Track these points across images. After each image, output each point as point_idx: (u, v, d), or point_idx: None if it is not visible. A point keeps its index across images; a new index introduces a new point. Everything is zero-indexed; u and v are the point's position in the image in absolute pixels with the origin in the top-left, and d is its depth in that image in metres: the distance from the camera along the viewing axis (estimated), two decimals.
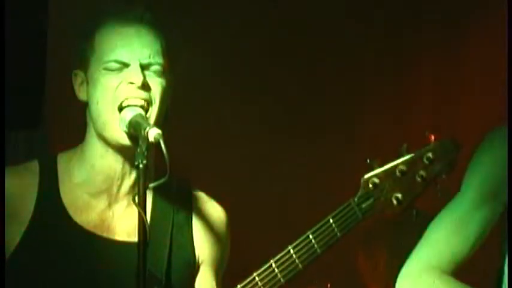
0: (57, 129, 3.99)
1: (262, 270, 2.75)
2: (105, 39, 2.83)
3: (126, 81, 2.79)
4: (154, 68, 2.82)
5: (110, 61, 2.80)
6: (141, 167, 2.57)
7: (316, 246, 2.75)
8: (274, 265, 2.74)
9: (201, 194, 2.99)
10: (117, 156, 2.83)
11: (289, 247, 2.75)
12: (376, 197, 2.80)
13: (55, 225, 2.82)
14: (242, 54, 4.71)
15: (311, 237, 2.76)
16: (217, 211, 2.99)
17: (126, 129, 2.74)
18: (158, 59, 2.82)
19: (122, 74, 2.80)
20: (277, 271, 2.75)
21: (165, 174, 2.57)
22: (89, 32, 2.86)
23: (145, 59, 2.81)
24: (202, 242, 2.93)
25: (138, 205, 2.55)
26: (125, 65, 2.80)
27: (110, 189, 2.86)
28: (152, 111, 2.78)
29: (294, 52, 4.84)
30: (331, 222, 2.76)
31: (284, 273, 2.75)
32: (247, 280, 2.74)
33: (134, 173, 2.82)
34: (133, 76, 2.78)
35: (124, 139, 2.77)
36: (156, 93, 2.80)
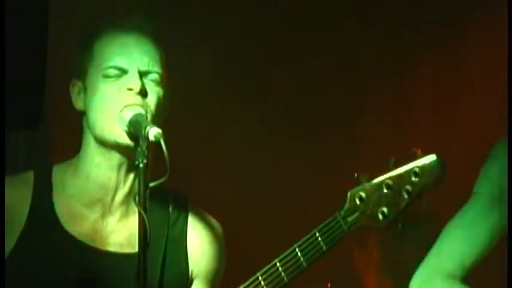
0: (57, 129, 3.99)
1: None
2: (104, 47, 2.84)
3: (124, 87, 2.79)
4: (153, 77, 2.83)
5: (108, 68, 2.81)
6: (141, 166, 2.57)
7: (302, 260, 2.78)
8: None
9: (198, 210, 3.00)
10: (113, 163, 2.83)
11: (275, 260, 2.78)
12: (362, 210, 2.83)
13: (47, 236, 2.82)
14: (242, 54, 4.71)
15: (297, 250, 2.78)
16: (213, 227, 3.00)
17: (126, 128, 2.75)
18: (157, 68, 2.84)
19: (121, 80, 2.81)
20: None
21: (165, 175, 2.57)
22: (88, 41, 2.87)
23: (144, 66, 2.82)
24: (197, 257, 2.94)
25: (139, 205, 2.55)
26: (123, 71, 2.82)
27: (104, 199, 2.86)
28: (148, 118, 2.77)
29: (294, 52, 4.83)
30: (317, 235, 2.79)
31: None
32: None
33: (129, 182, 2.84)
34: (131, 82, 2.79)
35: (124, 138, 2.77)
36: (152, 101, 2.81)
